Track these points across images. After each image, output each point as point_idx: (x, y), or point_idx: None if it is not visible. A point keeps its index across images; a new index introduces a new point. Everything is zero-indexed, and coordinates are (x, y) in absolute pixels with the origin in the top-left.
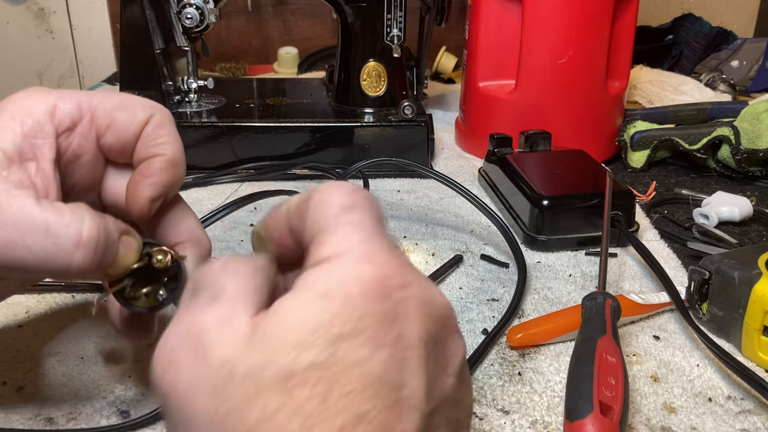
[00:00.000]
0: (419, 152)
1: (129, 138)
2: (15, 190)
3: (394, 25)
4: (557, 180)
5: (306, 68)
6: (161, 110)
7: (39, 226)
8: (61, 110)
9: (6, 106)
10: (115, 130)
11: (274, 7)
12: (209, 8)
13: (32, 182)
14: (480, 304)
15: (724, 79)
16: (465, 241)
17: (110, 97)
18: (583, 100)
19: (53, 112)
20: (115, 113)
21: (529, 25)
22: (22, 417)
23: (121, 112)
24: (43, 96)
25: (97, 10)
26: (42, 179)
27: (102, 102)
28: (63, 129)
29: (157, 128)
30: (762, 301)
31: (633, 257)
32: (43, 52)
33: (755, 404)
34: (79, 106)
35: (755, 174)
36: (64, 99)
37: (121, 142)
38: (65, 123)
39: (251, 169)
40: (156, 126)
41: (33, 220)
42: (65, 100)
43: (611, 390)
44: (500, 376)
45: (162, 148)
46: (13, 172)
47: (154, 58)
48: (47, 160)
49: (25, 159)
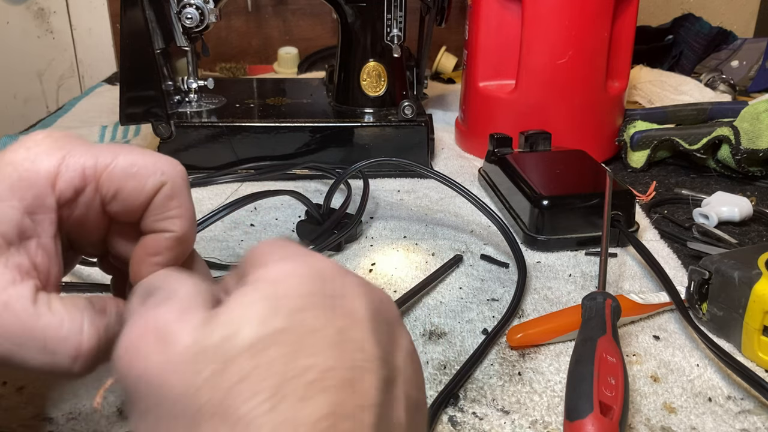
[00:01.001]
0: (419, 152)
1: (136, 208)
2: (11, 288)
3: (394, 25)
4: (557, 180)
5: (306, 68)
6: (174, 177)
7: (36, 340)
8: (63, 180)
9: (3, 173)
10: (122, 201)
11: (274, 7)
12: (209, 8)
13: (32, 263)
14: (480, 304)
15: (724, 79)
16: (465, 241)
17: (119, 159)
18: (583, 100)
19: (55, 182)
20: (122, 182)
21: (529, 25)
22: (22, 417)
23: (128, 180)
24: (44, 159)
25: (97, 11)
26: (43, 257)
27: (109, 167)
28: (65, 200)
29: (167, 200)
30: (762, 301)
31: (633, 257)
32: (43, 52)
33: (755, 404)
34: (83, 174)
35: (755, 174)
36: (68, 165)
37: (128, 211)
38: (67, 194)
39: (251, 169)
40: (166, 197)
41: (30, 335)
42: (69, 167)
43: (611, 390)
44: (500, 376)
45: (171, 224)
46: (12, 255)
47: (154, 58)
48: (48, 236)
49: (25, 237)
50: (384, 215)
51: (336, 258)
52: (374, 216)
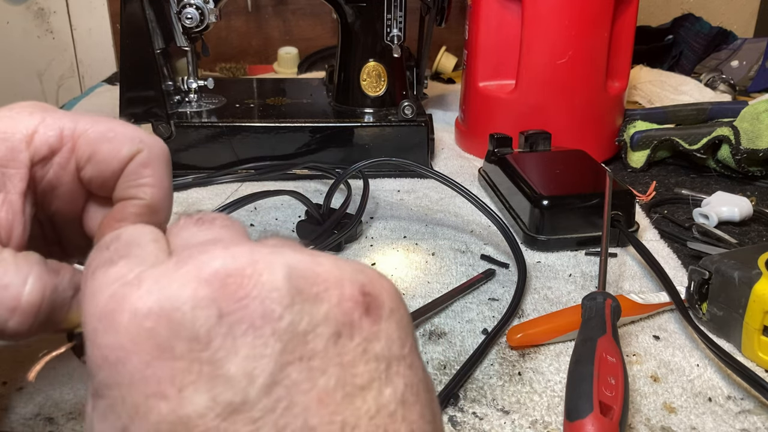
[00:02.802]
0: (419, 152)
1: (109, 174)
2: None
3: (394, 25)
4: (557, 180)
5: (306, 68)
6: (151, 146)
7: None
8: (39, 137)
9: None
10: (96, 164)
11: (274, 7)
12: (209, 8)
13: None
14: (480, 304)
15: (724, 79)
16: (465, 241)
17: (97, 124)
18: (583, 100)
19: (31, 138)
20: (98, 145)
21: (529, 25)
22: (22, 417)
23: (104, 144)
24: (24, 117)
25: (97, 10)
26: (7, 213)
27: (87, 130)
28: (39, 158)
29: (141, 167)
30: (762, 301)
31: (633, 257)
32: (43, 52)
33: (755, 404)
34: (61, 134)
35: (755, 174)
36: (47, 124)
37: (102, 176)
38: (42, 151)
39: (251, 169)
40: (140, 164)
41: None
42: (47, 125)
43: (611, 390)
44: (500, 376)
45: (141, 191)
46: None
47: (154, 58)
48: (17, 192)
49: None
50: (384, 215)
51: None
52: (374, 216)
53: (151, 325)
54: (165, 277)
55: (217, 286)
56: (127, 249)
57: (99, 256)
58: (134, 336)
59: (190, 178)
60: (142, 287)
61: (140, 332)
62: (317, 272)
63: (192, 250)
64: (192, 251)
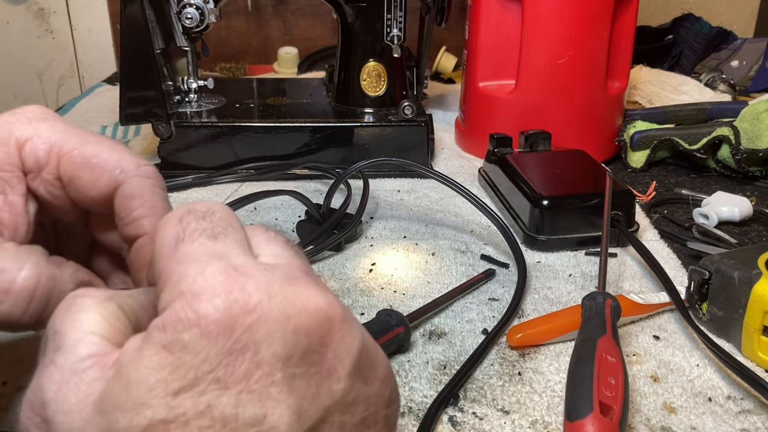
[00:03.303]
0: (419, 152)
1: (89, 200)
2: None
3: (394, 25)
4: (557, 180)
5: (306, 68)
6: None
7: None
8: (29, 148)
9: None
10: (76, 188)
11: (274, 7)
12: (209, 8)
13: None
14: (480, 304)
15: (724, 79)
16: (465, 241)
17: (84, 147)
18: (583, 100)
19: (23, 147)
20: (80, 170)
21: (529, 25)
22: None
23: (85, 170)
24: (22, 125)
25: (97, 10)
26: (10, 213)
27: (72, 151)
28: (27, 170)
29: (128, 200)
30: (762, 301)
31: (633, 257)
32: (43, 52)
33: (755, 404)
34: (50, 149)
35: (755, 174)
36: (40, 136)
37: (83, 200)
38: (29, 164)
39: (251, 169)
40: (127, 198)
41: None
42: (41, 138)
43: (611, 390)
44: (500, 376)
45: (139, 227)
46: None
47: (154, 58)
48: (17, 194)
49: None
50: (384, 215)
51: (336, 258)
52: (374, 216)
53: (251, 321)
54: (273, 285)
55: (313, 323)
56: (224, 226)
57: (194, 222)
58: (235, 322)
59: (190, 178)
60: (251, 283)
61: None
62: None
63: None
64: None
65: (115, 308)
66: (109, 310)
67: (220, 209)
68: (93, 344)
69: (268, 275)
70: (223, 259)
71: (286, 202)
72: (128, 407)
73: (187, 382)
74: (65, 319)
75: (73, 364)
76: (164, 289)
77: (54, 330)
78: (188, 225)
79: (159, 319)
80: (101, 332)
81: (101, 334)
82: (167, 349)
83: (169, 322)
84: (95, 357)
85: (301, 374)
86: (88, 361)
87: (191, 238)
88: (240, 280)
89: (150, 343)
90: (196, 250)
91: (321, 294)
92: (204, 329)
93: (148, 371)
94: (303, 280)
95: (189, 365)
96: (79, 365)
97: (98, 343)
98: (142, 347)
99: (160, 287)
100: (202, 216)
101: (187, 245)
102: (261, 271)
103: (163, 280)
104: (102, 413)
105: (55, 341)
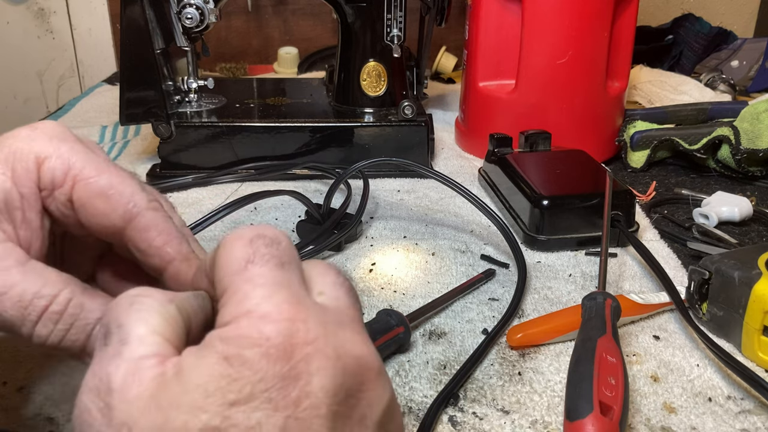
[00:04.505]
0: (419, 152)
1: (99, 229)
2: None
3: (394, 25)
4: (557, 180)
5: (306, 68)
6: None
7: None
8: (47, 167)
9: (4, 145)
10: (88, 216)
11: (274, 7)
12: (209, 8)
13: (16, 233)
14: (480, 304)
15: (724, 79)
16: (465, 241)
17: (101, 176)
18: (583, 100)
19: (41, 164)
20: (94, 199)
21: (529, 25)
22: (22, 417)
23: (99, 200)
24: (43, 142)
25: (97, 11)
26: (26, 231)
27: (89, 179)
28: (42, 186)
29: (144, 233)
30: (762, 301)
31: (633, 257)
32: (43, 52)
33: (755, 404)
34: (67, 173)
35: (755, 174)
36: (60, 156)
37: (93, 229)
38: (45, 181)
39: (251, 169)
40: (143, 231)
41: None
42: (60, 158)
43: (611, 390)
44: (500, 376)
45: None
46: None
47: (154, 58)
48: (34, 210)
49: (12, 207)
50: (384, 215)
51: (336, 258)
52: (374, 216)
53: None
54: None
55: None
56: (289, 257)
57: (264, 247)
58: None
59: (190, 178)
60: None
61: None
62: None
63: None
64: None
65: (174, 311)
66: (170, 312)
67: (285, 239)
68: (156, 344)
69: (324, 315)
70: (289, 289)
71: (286, 202)
72: (186, 409)
73: (243, 396)
74: (131, 314)
75: (138, 360)
76: (229, 303)
77: (119, 324)
78: (258, 249)
79: (222, 331)
80: (162, 333)
81: (162, 334)
82: (228, 361)
83: (233, 336)
84: (158, 356)
85: (341, 414)
86: (152, 359)
87: (261, 262)
88: (303, 312)
89: (212, 352)
90: (265, 274)
91: (364, 343)
92: (266, 350)
93: (209, 378)
94: (350, 327)
95: (246, 380)
96: (144, 362)
97: (161, 343)
98: (203, 354)
99: (225, 301)
100: (271, 242)
101: (257, 268)
102: (318, 308)
103: (229, 295)
104: (160, 409)
105: (121, 335)
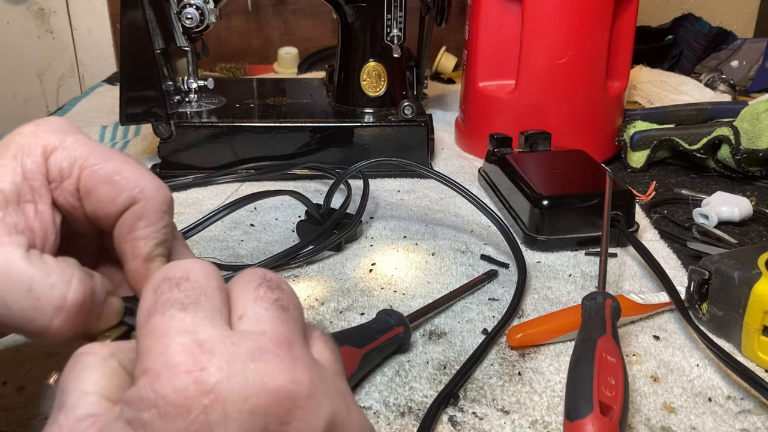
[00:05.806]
0: (419, 152)
1: (103, 215)
2: (6, 237)
3: (394, 25)
4: (557, 180)
5: (306, 68)
6: (150, 197)
7: (22, 283)
8: (55, 158)
9: (11, 142)
10: (93, 202)
11: (274, 7)
12: (209, 8)
13: (29, 226)
14: (480, 304)
15: (723, 79)
16: (465, 241)
17: (108, 163)
18: (583, 100)
19: (49, 156)
20: (100, 184)
21: (529, 25)
22: (22, 417)
23: (105, 185)
24: (48, 136)
25: (97, 11)
26: (40, 223)
27: (95, 165)
28: (51, 179)
29: (135, 218)
30: (762, 301)
31: (633, 257)
32: (44, 52)
33: (755, 404)
34: (74, 162)
35: (755, 174)
36: (66, 147)
37: (96, 215)
38: (53, 173)
39: (251, 169)
40: (135, 215)
41: (17, 276)
42: (66, 149)
43: (611, 390)
44: (500, 376)
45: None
46: (9, 213)
47: (154, 58)
48: (46, 203)
49: (24, 200)
50: (384, 215)
51: (336, 258)
52: (374, 216)
53: (208, 402)
54: (236, 363)
55: (273, 402)
56: (196, 295)
57: (167, 291)
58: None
59: (190, 178)
60: (213, 362)
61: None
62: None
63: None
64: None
65: (116, 365)
66: (110, 367)
67: (198, 272)
68: (92, 404)
69: (233, 350)
70: (190, 335)
71: (286, 202)
72: None
73: None
74: (70, 377)
75: (72, 424)
76: (138, 361)
77: (62, 387)
78: (161, 296)
79: (128, 393)
80: (101, 391)
81: (101, 393)
82: (131, 425)
83: (132, 399)
84: (93, 417)
85: None
86: (85, 422)
87: (162, 310)
88: (201, 360)
89: (119, 417)
90: (164, 324)
91: (285, 371)
92: (162, 410)
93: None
94: (271, 354)
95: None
96: (78, 426)
97: (97, 402)
98: (114, 417)
99: (137, 358)
100: (176, 284)
101: (157, 318)
102: (226, 346)
103: (137, 352)
104: None
105: (60, 399)
